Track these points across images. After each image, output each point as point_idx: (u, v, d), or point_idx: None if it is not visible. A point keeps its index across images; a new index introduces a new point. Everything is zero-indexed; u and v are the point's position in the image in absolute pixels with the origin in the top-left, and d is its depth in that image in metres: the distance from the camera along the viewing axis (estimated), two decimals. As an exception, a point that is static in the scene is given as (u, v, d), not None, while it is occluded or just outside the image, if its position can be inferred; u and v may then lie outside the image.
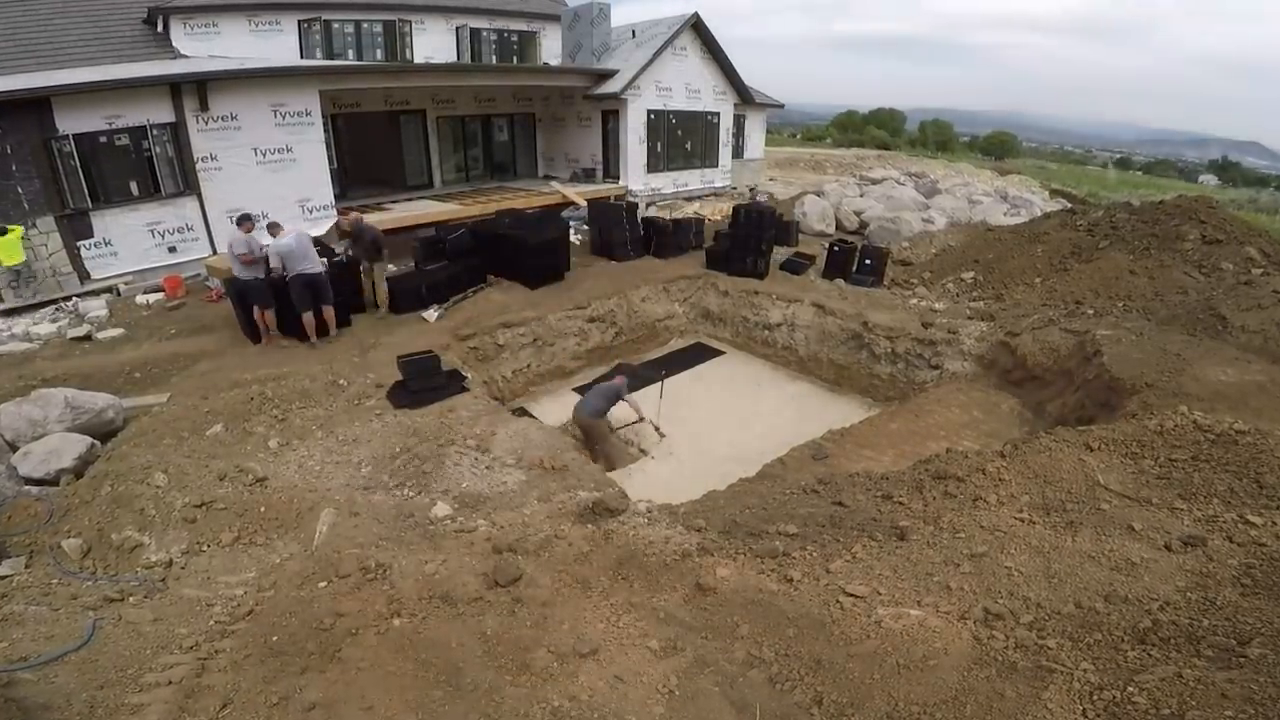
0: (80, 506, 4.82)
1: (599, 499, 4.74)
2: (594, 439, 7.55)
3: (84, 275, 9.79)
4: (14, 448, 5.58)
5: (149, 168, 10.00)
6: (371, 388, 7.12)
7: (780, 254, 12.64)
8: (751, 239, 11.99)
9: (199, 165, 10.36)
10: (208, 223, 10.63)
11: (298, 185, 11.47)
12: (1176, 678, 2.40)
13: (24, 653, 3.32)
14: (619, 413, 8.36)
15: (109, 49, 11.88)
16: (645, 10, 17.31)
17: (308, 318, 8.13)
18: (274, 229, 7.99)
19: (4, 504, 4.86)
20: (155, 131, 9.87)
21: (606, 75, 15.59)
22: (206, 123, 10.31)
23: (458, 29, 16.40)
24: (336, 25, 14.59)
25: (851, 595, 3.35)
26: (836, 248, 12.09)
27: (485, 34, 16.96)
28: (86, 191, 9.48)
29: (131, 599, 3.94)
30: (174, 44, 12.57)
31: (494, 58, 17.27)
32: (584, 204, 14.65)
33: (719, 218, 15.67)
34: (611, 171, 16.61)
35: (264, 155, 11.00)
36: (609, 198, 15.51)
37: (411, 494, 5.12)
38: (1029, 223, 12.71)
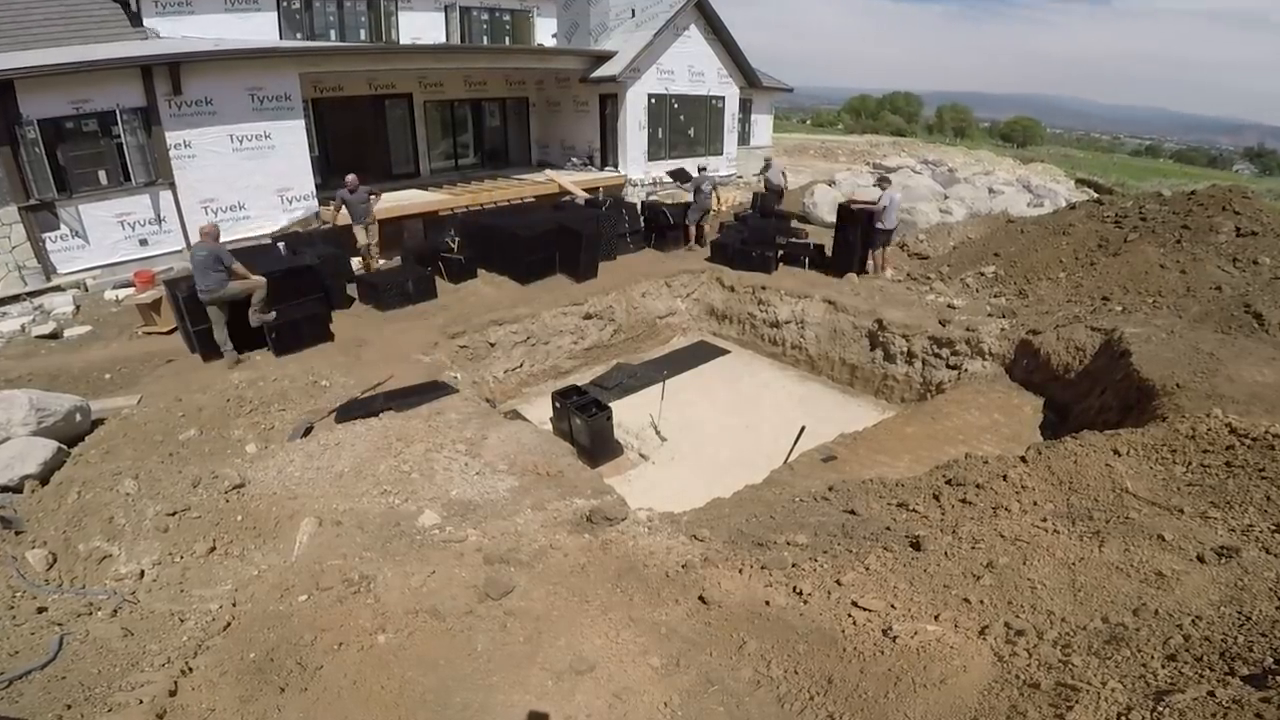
0: (46, 515, 4.82)
1: (596, 507, 4.75)
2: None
3: (50, 269, 9.78)
4: (-25, 452, 5.57)
5: (119, 155, 9.98)
6: (356, 389, 7.12)
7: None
8: (759, 231, 12.01)
9: (172, 153, 10.35)
10: (181, 214, 10.62)
11: (277, 174, 11.46)
12: (1209, 698, 2.39)
13: (-14, 670, 3.32)
14: (628, 423, 8.45)
15: (76, 28, 11.86)
16: (645, -12, 17.30)
17: None
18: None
19: (-35, 512, 4.85)
20: (125, 116, 9.85)
21: (604, 57, 15.58)
22: (180, 107, 10.30)
23: (446, 8, 16.38)
24: (318, 4, 14.56)
25: (864, 609, 3.34)
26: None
27: (476, 13, 16.94)
28: (52, 180, 9.47)
29: (100, 613, 3.94)
30: (145, 24, 12.54)
31: (485, 38, 17.24)
32: (582, 194, 14.64)
33: (724, 208, 15.68)
34: (610, 159, 16.60)
35: (241, 142, 10.99)
36: (600, 189, 15.52)
37: (397, 502, 5.12)
38: (1053, 214, 12.70)
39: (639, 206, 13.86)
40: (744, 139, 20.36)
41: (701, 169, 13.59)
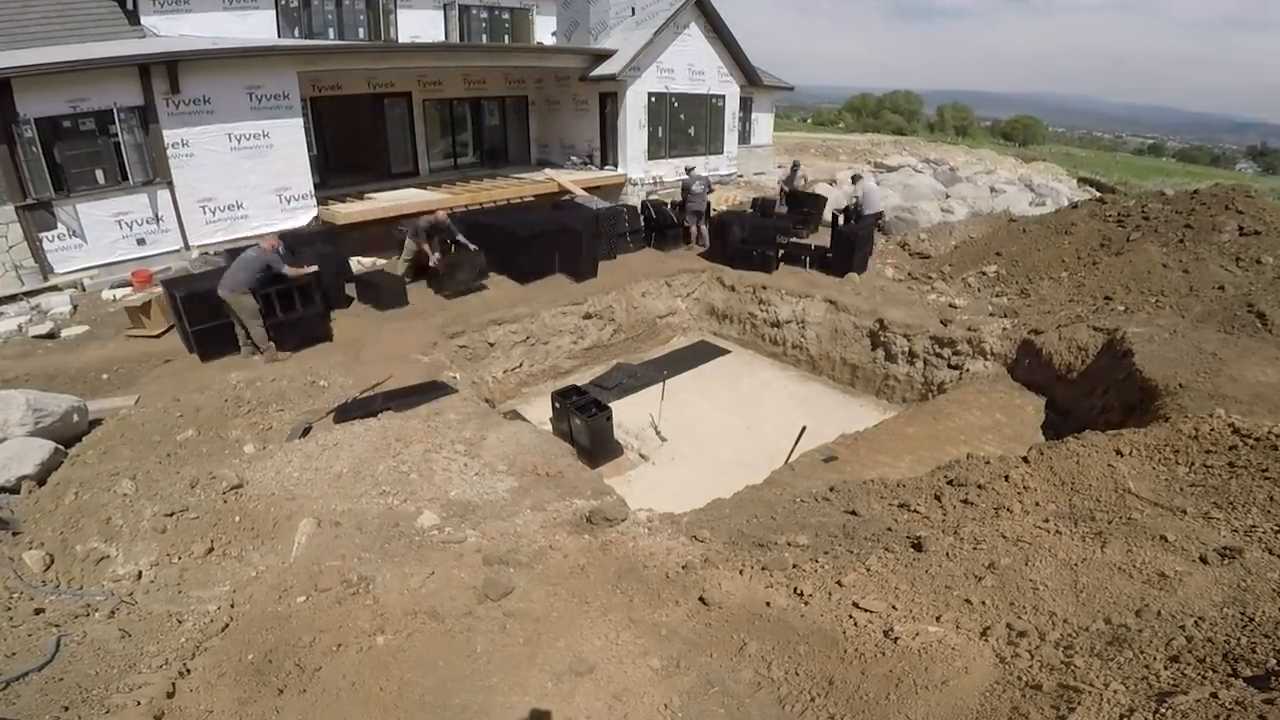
0: (43, 516, 4.82)
1: (596, 507, 4.75)
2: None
3: (47, 269, 9.78)
4: (-28, 453, 5.57)
5: (116, 154, 9.98)
6: (355, 389, 7.12)
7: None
8: (760, 230, 12.02)
9: (169, 152, 10.34)
10: (179, 213, 10.61)
11: (275, 173, 11.46)
12: (1212, 699, 2.39)
13: (-17, 672, 3.32)
14: (628, 423, 8.44)
15: (73, 27, 11.86)
16: (644, -14, 17.28)
17: None
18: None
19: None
20: (122, 115, 9.85)
21: (604, 55, 15.57)
22: (177, 106, 10.30)
23: (445, 6, 16.37)
24: (316, 2, 14.56)
25: (866, 611, 3.35)
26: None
27: (475, 11, 16.93)
28: (49, 180, 9.47)
29: (98, 614, 3.94)
30: (143, 22, 12.54)
31: (484, 36, 17.23)
32: (582, 194, 14.64)
33: (725, 206, 15.68)
34: (610, 158, 16.60)
35: (239, 141, 10.99)
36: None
37: (396, 502, 5.12)
38: (1055, 213, 12.71)
39: (639, 205, 13.89)
40: (744, 138, 20.34)
41: (689, 169, 13.95)
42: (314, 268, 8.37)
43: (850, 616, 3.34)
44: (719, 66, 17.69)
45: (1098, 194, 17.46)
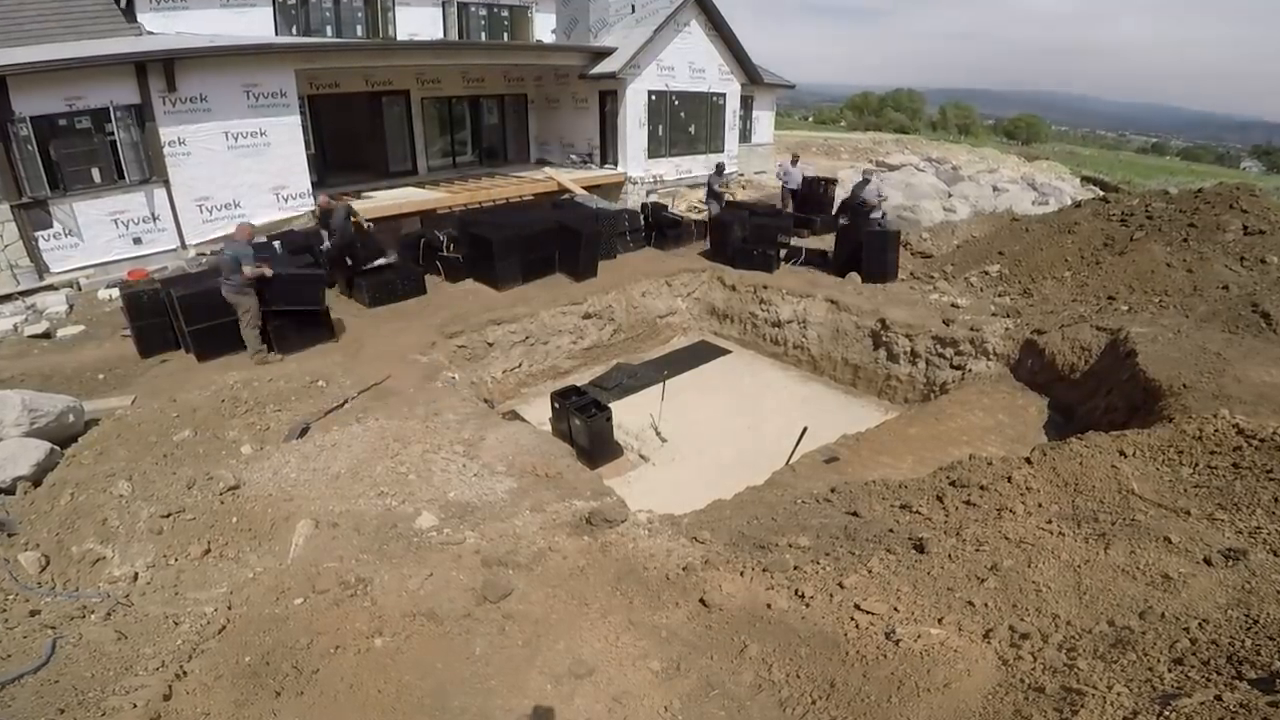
0: (38, 517, 4.82)
1: (595, 509, 4.75)
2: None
3: (43, 268, 9.78)
4: (-33, 454, 5.57)
5: (112, 152, 9.99)
6: (352, 390, 7.12)
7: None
8: (761, 230, 12.02)
9: (166, 150, 10.35)
10: (175, 212, 10.62)
11: (272, 172, 11.46)
12: (1216, 702, 2.39)
13: (-22, 674, 3.32)
14: (628, 424, 8.44)
15: (69, 25, 11.87)
16: (645, -16, 17.29)
17: None
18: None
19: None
20: (119, 114, 9.85)
21: (604, 53, 15.58)
22: (174, 104, 10.30)
23: (444, 3, 16.39)
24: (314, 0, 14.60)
25: (867, 613, 3.34)
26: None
27: (474, 9, 16.95)
28: (45, 178, 9.48)
29: (93, 616, 3.94)
30: (139, 20, 12.56)
31: (483, 34, 17.23)
32: (582, 193, 14.63)
33: (735, 196, 15.74)
34: (610, 157, 16.60)
35: (236, 139, 10.99)
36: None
37: (394, 503, 5.12)
38: (1058, 212, 12.70)
39: (639, 206, 13.94)
40: (745, 136, 20.36)
41: (720, 165, 14.53)
42: (268, 271, 7.68)
43: (852, 619, 3.34)
44: (720, 64, 17.69)
45: (1101, 193, 17.46)
